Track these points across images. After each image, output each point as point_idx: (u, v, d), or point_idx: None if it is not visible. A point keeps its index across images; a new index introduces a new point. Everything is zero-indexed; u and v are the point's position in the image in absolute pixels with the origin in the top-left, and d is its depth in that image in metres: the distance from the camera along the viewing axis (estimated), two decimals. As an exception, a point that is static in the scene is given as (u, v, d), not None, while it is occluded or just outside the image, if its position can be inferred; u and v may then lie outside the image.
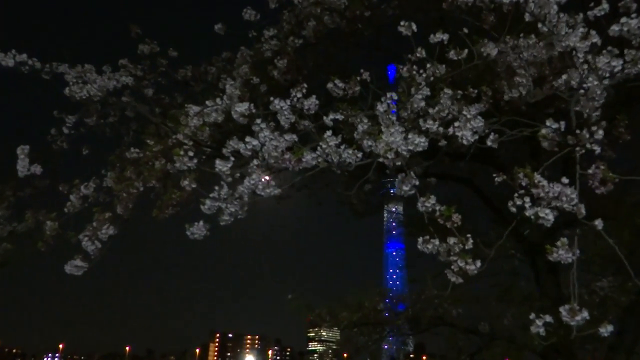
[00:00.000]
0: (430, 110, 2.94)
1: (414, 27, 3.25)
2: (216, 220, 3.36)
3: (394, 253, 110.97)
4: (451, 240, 2.52)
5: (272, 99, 3.21)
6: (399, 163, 2.58)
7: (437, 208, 2.67)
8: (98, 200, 5.59)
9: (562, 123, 2.90)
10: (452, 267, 2.53)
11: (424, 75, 3.22)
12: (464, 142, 2.76)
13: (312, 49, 6.29)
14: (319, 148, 2.85)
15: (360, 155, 2.99)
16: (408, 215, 11.73)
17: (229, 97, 4.26)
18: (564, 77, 3.35)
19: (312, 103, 3.44)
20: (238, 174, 3.05)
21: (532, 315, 3.32)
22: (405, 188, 2.64)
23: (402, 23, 3.27)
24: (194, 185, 4.30)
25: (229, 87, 4.00)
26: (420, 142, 2.60)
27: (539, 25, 3.34)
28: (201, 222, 3.47)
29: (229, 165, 2.90)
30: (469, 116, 2.69)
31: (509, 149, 9.35)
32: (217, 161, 2.98)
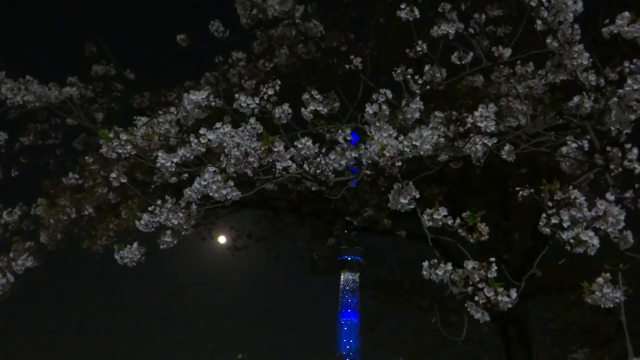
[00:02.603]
0: (424, 132, 2.39)
1: (416, 12, 2.80)
2: (154, 244, 2.67)
3: (349, 323, 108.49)
4: (469, 265, 1.93)
5: (237, 95, 2.66)
6: (399, 164, 2.01)
7: (449, 222, 2.08)
8: (21, 229, 4.76)
9: (585, 142, 2.43)
10: (477, 298, 1.91)
11: (420, 81, 2.75)
12: (476, 155, 2.22)
13: (284, 81, 5.75)
14: (292, 150, 2.26)
15: (344, 163, 2.42)
16: (371, 278, 11.07)
17: (185, 108, 3.66)
18: (576, 99, 2.92)
19: (284, 111, 2.88)
20: (185, 175, 2.43)
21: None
22: (403, 201, 2.07)
23: (402, 6, 2.82)
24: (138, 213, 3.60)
25: (185, 96, 3.40)
26: (429, 148, 2.05)
27: (548, 40, 2.92)
28: (135, 245, 2.76)
29: (175, 160, 2.27)
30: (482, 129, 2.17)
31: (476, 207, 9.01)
32: (160, 154, 2.34)
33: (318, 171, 2.40)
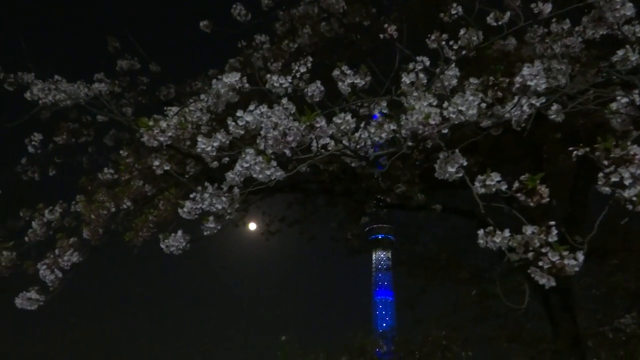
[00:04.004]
0: (469, 97, 2.29)
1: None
2: (198, 231, 2.67)
3: (384, 301, 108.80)
4: (529, 230, 1.86)
5: (268, 76, 2.61)
6: (445, 131, 1.94)
7: (504, 187, 2.01)
8: (63, 226, 4.86)
9: (636, 96, 2.31)
10: (541, 263, 1.84)
11: (456, 47, 2.66)
12: (520, 118, 2.13)
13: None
14: (332, 125, 2.21)
15: (384, 135, 2.36)
16: (406, 255, 10.99)
17: (216, 94, 3.64)
18: (620, 53, 2.78)
19: (316, 89, 2.82)
20: (226, 159, 2.41)
21: None
22: (451, 169, 2.00)
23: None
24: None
25: (216, 83, 3.37)
26: (474, 113, 1.97)
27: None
28: (179, 232, 2.78)
29: (215, 145, 2.25)
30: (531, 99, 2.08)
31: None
32: (200, 139, 2.33)
33: (358, 146, 2.34)
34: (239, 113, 2.22)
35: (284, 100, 2.57)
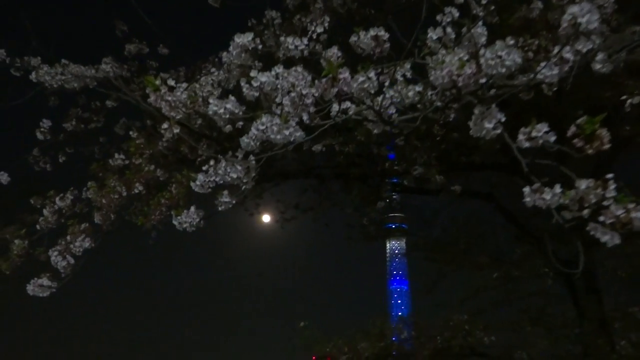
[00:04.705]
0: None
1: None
2: (212, 206, 2.52)
3: (398, 290, 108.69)
4: (583, 184, 1.66)
5: (283, 38, 2.44)
6: (482, 80, 1.75)
7: (552, 139, 1.81)
8: (75, 213, 4.75)
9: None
10: (604, 218, 1.65)
11: (485, 1, 2.46)
12: (561, 71, 1.92)
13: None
14: (359, 77, 2.01)
15: (411, 94, 2.17)
16: (422, 240, 10.77)
17: (227, 68, 3.47)
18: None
19: (333, 55, 2.63)
20: (240, 123, 2.24)
21: None
22: (488, 126, 1.81)
23: None
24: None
25: (226, 56, 3.20)
26: (514, 59, 1.77)
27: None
28: (192, 208, 2.62)
29: (228, 106, 2.08)
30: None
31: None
32: (212, 100, 2.16)
33: (382, 110, 2.16)
34: (253, 73, 2.05)
35: (299, 69, 2.40)
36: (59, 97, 5.63)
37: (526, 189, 1.77)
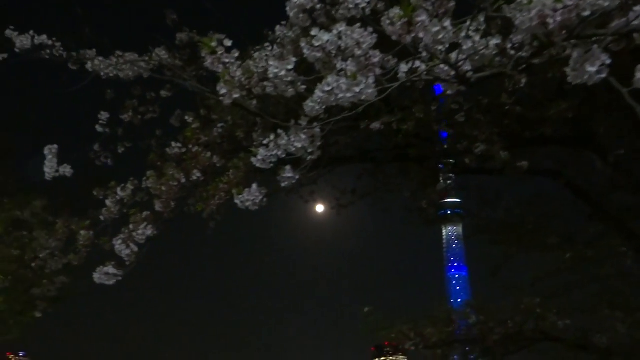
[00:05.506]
0: None
1: None
2: (275, 183, 2.38)
3: (457, 276, 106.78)
4: None
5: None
6: (586, 13, 1.50)
7: None
8: (136, 202, 4.78)
9: None
10: None
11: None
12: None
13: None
14: (433, 29, 1.79)
15: (492, 44, 1.93)
16: (487, 221, 10.32)
17: (281, 43, 3.32)
18: None
19: (395, 15, 2.40)
20: (303, 86, 2.07)
21: None
22: (590, 69, 1.56)
23: None
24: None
25: (280, 29, 3.04)
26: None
27: None
28: (254, 186, 2.50)
29: (289, 67, 1.92)
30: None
31: (607, 127, 7.99)
32: (272, 62, 2.00)
33: (458, 66, 1.94)
34: (315, 32, 1.87)
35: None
36: (115, 90, 5.70)
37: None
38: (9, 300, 9.15)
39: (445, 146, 7.92)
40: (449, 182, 9.87)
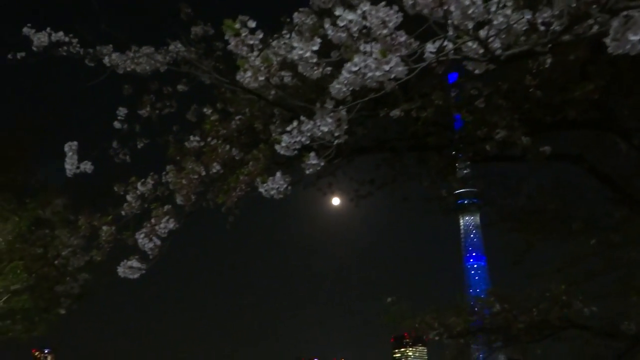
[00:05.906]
0: None
1: None
2: (299, 171, 2.34)
3: (475, 266, 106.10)
4: None
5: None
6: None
7: None
8: (157, 196, 4.78)
9: None
10: None
11: None
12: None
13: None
14: (466, 2, 1.72)
15: (526, 18, 1.85)
16: (507, 209, 10.17)
17: (298, 30, 3.26)
18: None
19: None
20: (328, 68, 2.02)
21: None
22: (633, 38, 1.48)
23: None
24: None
25: (297, 16, 2.98)
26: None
27: None
28: (278, 174, 2.46)
29: (314, 48, 1.88)
30: None
31: (632, 109, 7.80)
32: (296, 44, 1.95)
33: (488, 42, 1.86)
34: (338, 12, 1.81)
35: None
36: (132, 85, 5.69)
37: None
38: (33, 297, 9.30)
39: (463, 134, 7.80)
40: (465, 171, 9.74)
